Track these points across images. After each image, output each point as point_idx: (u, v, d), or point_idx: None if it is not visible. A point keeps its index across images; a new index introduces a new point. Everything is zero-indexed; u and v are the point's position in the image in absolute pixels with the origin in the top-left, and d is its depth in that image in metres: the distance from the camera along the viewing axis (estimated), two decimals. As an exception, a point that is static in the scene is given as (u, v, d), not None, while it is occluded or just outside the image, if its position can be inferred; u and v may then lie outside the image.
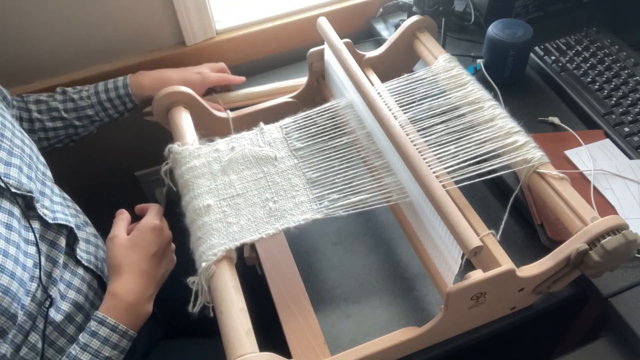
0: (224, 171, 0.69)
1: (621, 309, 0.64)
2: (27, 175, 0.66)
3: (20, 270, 0.59)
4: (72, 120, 0.84)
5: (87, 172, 1.16)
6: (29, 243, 0.63)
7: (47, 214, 0.66)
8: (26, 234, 0.63)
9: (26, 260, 0.61)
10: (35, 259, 0.62)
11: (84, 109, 0.84)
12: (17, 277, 0.58)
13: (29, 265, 0.61)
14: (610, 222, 0.57)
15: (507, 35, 0.86)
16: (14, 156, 0.65)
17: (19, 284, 0.58)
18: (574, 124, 0.84)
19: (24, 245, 0.62)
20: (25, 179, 0.65)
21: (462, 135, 0.68)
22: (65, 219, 0.69)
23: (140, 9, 0.94)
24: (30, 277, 0.61)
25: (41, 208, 0.66)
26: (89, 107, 0.84)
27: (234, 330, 0.53)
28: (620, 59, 0.89)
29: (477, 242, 0.54)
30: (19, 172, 0.64)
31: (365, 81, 0.71)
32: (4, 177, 0.62)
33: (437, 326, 0.60)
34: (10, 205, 0.62)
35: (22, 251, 0.61)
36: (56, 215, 0.68)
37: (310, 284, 0.73)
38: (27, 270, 0.60)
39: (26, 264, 0.61)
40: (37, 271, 0.62)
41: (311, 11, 1.06)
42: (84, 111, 0.84)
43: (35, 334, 0.63)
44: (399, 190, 0.67)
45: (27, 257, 0.61)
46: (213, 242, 0.60)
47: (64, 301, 0.67)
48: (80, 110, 0.84)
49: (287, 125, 0.75)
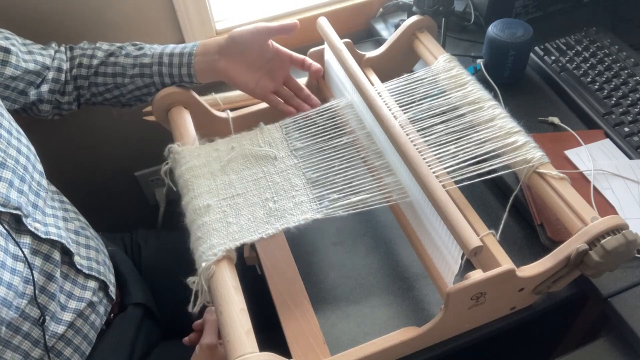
0: (223, 171, 0.69)
1: (621, 309, 0.64)
2: (18, 188, 0.63)
3: (5, 289, 0.57)
4: (127, 67, 0.77)
5: (87, 172, 1.16)
6: (17, 259, 0.60)
7: (39, 228, 0.64)
8: (15, 249, 0.60)
9: (13, 278, 0.59)
10: (23, 276, 0.60)
11: (145, 56, 0.77)
12: (0, 297, 0.57)
13: (15, 283, 0.59)
14: (610, 222, 0.57)
15: (507, 35, 0.86)
16: (6, 168, 0.62)
17: (0, 303, 0.57)
18: (574, 124, 0.84)
19: (11, 262, 0.59)
20: (15, 194, 0.62)
21: (462, 135, 0.68)
22: (57, 234, 0.66)
23: (140, 9, 0.94)
24: (16, 295, 0.59)
25: (32, 222, 0.63)
26: (150, 55, 0.77)
27: (234, 330, 0.53)
28: (620, 59, 0.89)
29: (477, 242, 0.54)
30: (8, 187, 0.61)
31: (365, 81, 0.71)
32: None
33: (437, 326, 0.60)
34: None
35: (9, 268, 0.59)
36: (48, 229, 0.65)
37: (310, 284, 0.73)
38: (12, 288, 0.58)
39: (12, 282, 0.59)
40: (28, 287, 0.61)
41: (311, 11, 1.06)
42: (143, 58, 0.77)
43: (38, 349, 0.63)
44: (399, 190, 0.67)
45: (13, 275, 0.59)
46: (213, 242, 0.60)
47: (65, 312, 0.67)
48: (139, 57, 0.77)
49: (287, 125, 0.75)
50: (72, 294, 0.68)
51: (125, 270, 0.82)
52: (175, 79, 0.77)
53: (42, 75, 0.75)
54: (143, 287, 0.83)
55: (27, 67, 0.72)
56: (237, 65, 0.76)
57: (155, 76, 0.77)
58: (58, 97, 0.77)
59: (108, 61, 0.77)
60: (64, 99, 0.78)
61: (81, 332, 0.68)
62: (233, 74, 0.76)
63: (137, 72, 0.77)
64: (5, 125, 0.65)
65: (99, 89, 0.78)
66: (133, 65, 0.77)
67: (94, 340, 0.71)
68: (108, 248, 0.82)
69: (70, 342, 0.67)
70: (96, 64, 0.77)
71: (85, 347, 0.69)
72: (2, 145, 0.63)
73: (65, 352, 0.66)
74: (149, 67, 0.76)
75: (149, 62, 0.76)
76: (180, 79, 0.77)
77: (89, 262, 0.72)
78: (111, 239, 0.88)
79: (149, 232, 0.94)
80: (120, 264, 0.82)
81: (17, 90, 0.73)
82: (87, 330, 0.69)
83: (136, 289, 0.81)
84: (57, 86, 0.77)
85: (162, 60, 0.76)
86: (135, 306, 0.79)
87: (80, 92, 0.79)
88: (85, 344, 0.69)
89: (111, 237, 0.88)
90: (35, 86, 0.75)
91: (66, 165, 1.12)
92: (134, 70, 0.77)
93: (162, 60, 0.76)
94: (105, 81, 0.78)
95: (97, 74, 0.78)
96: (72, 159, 1.12)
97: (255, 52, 0.76)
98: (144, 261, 0.89)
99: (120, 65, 0.77)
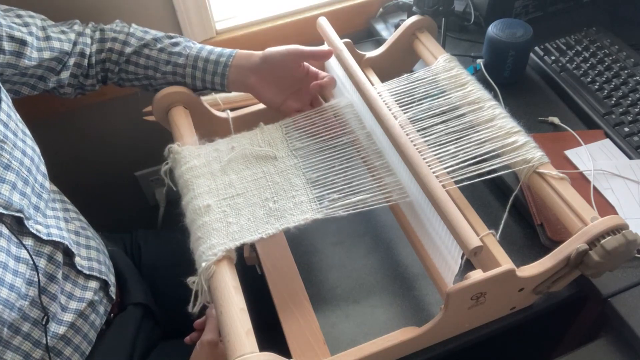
0: (223, 171, 0.69)
1: (621, 309, 0.64)
2: (21, 191, 0.63)
3: (7, 291, 0.58)
4: (159, 63, 0.77)
5: (87, 171, 1.16)
6: (20, 261, 0.60)
7: (41, 229, 0.64)
8: (17, 251, 0.60)
9: (15, 280, 0.59)
10: (25, 277, 0.60)
11: (180, 55, 0.76)
12: (2, 298, 0.57)
13: (18, 284, 0.59)
14: (610, 222, 0.57)
15: (507, 35, 0.86)
16: (10, 170, 0.62)
17: (3, 305, 0.57)
18: (573, 124, 0.84)
19: (13, 264, 0.59)
20: (18, 196, 0.62)
21: (462, 135, 0.68)
22: (59, 235, 0.66)
23: (140, 9, 0.94)
24: (19, 296, 0.59)
25: (34, 225, 0.63)
26: (185, 56, 0.76)
27: (234, 330, 0.53)
28: (620, 59, 0.89)
29: (477, 242, 0.54)
30: (11, 190, 0.61)
31: (365, 81, 0.71)
32: None
33: (437, 326, 0.60)
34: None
35: (11, 270, 0.59)
36: (50, 231, 0.65)
37: (310, 284, 0.73)
38: (14, 290, 0.58)
39: (15, 283, 0.59)
40: (31, 289, 0.61)
41: (311, 11, 1.06)
42: (177, 58, 0.76)
43: (39, 349, 0.63)
44: (399, 190, 0.67)
45: (16, 277, 0.59)
46: (213, 242, 0.60)
47: (66, 312, 0.67)
48: (174, 56, 0.76)
49: (287, 125, 0.75)
50: (72, 295, 0.68)
51: (125, 270, 0.82)
52: (207, 84, 0.78)
53: (62, 61, 0.75)
54: (143, 287, 0.83)
55: (43, 56, 0.72)
56: (266, 83, 0.77)
57: (187, 77, 0.77)
58: (81, 80, 0.78)
59: (142, 52, 0.77)
60: (88, 81, 0.78)
61: (81, 332, 0.69)
62: (261, 91, 0.77)
63: (170, 70, 0.77)
64: (12, 127, 0.65)
65: (128, 76, 0.79)
66: (167, 62, 0.77)
67: (93, 340, 0.71)
68: (108, 248, 0.82)
69: (70, 342, 0.67)
70: (128, 52, 0.77)
71: (85, 346, 0.69)
72: (8, 147, 0.63)
73: (65, 351, 0.66)
74: (183, 67, 0.77)
75: (183, 63, 0.77)
76: (213, 85, 0.78)
77: (89, 263, 0.72)
78: (111, 239, 0.88)
79: (149, 232, 0.94)
80: (120, 264, 0.82)
81: (35, 77, 0.73)
82: (87, 329, 0.69)
83: (136, 288, 0.81)
84: (80, 71, 0.77)
85: (197, 64, 0.76)
86: (135, 306, 0.79)
87: (109, 75, 0.79)
88: (85, 343, 0.69)
89: (111, 237, 0.88)
90: (55, 73, 0.74)
91: (66, 165, 1.12)
92: (167, 67, 0.77)
93: (197, 64, 0.76)
94: (137, 71, 0.78)
95: (129, 62, 0.78)
96: (72, 159, 1.12)
97: (286, 72, 0.76)
98: (144, 261, 0.89)
99: (154, 59, 0.77)
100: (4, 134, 0.63)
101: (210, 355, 0.66)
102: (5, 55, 0.68)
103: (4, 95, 0.66)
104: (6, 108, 0.66)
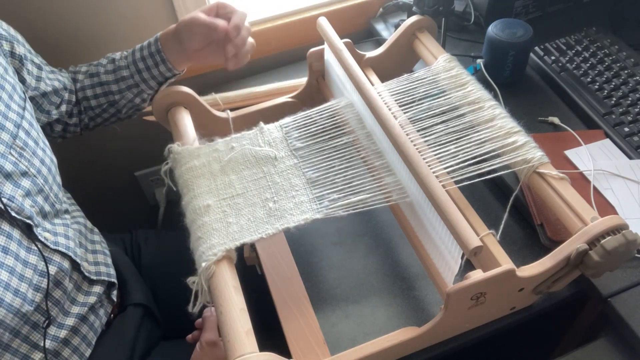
0: (223, 171, 0.69)
1: (621, 309, 0.64)
2: (34, 199, 0.63)
3: (11, 296, 0.58)
4: (110, 84, 0.79)
5: (87, 172, 1.16)
6: (27, 266, 0.61)
7: (49, 237, 0.64)
8: (26, 255, 0.61)
9: (20, 285, 0.59)
10: (32, 283, 0.61)
11: (120, 69, 0.79)
12: (6, 303, 0.57)
13: (23, 289, 0.59)
14: (610, 222, 0.57)
15: (507, 35, 0.86)
16: (27, 177, 0.63)
17: (6, 309, 0.57)
18: (573, 124, 0.84)
19: (20, 268, 0.60)
20: (29, 203, 0.62)
21: (462, 135, 0.68)
22: (65, 245, 0.67)
23: (140, 9, 0.94)
24: (24, 302, 0.59)
25: (42, 232, 0.64)
26: (125, 67, 0.79)
27: (234, 330, 0.53)
28: (620, 59, 0.89)
29: (477, 242, 0.54)
30: (24, 197, 0.62)
31: (365, 81, 0.71)
32: (9, 199, 0.60)
33: (437, 326, 0.60)
34: (10, 228, 0.60)
35: (18, 275, 0.59)
36: (57, 239, 0.66)
37: (310, 284, 0.73)
38: (19, 295, 0.59)
39: (20, 288, 0.59)
40: (37, 295, 0.61)
41: (311, 11, 1.06)
42: (120, 72, 0.79)
43: (38, 351, 0.63)
44: (399, 190, 0.67)
45: (21, 281, 0.59)
46: (213, 242, 0.60)
47: (68, 317, 0.67)
48: (117, 72, 0.79)
49: (287, 125, 0.75)
50: (75, 300, 0.69)
51: (125, 270, 0.82)
52: (159, 78, 0.79)
53: (61, 95, 0.78)
54: (143, 287, 0.83)
55: (55, 85, 0.76)
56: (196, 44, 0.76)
57: (141, 84, 0.79)
58: (67, 119, 0.80)
59: (93, 82, 0.80)
60: (72, 120, 0.81)
61: (80, 333, 0.68)
62: (202, 51, 0.77)
63: (124, 86, 0.79)
64: (34, 136, 0.67)
65: (95, 112, 0.81)
66: (116, 81, 0.79)
67: (93, 341, 0.71)
68: (108, 248, 0.82)
69: (68, 343, 0.67)
70: (80, 87, 0.80)
71: (84, 348, 0.69)
72: (28, 154, 0.64)
73: (63, 352, 0.66)
74: (131, 77, 0.79)
75: (128, 74, 0.79)
76: (163, 77, 0.79)
77: (96, 267, 0.72)
78: (111, 239, 0.88)
79: (149, 232, 0.94)
80: (120, 264, 0.82)
81: (41, 108, 0.75)
82: (86, 331, 0.69)
83: (136, 289, 0.81)
84: (69, 107, 0.79)
85: (139, 67, 0.78)
86: (135, 306, 0.79)
87: (80, 117, 0.82)
88: (84, 345, 0.69)
89: (111, 237, 0.88)
90: (55, 106, 0.77)
91: (66, 165, 1.11)
92: (119, 85, 0.79)
93: (139, 66, 0.78)
94: (99, 102, 0.81)
95: (87, 98, 0.80)
96: (72, 159, 1.12)
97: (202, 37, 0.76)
98: (144, 261, 0.89)
99: (105, 83, 0.79)
100: (25, 142, 0.64)
101: (210, 355, 0.66)
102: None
103: (28, 105, 0.68)
104: (29, 117, 0.67)
